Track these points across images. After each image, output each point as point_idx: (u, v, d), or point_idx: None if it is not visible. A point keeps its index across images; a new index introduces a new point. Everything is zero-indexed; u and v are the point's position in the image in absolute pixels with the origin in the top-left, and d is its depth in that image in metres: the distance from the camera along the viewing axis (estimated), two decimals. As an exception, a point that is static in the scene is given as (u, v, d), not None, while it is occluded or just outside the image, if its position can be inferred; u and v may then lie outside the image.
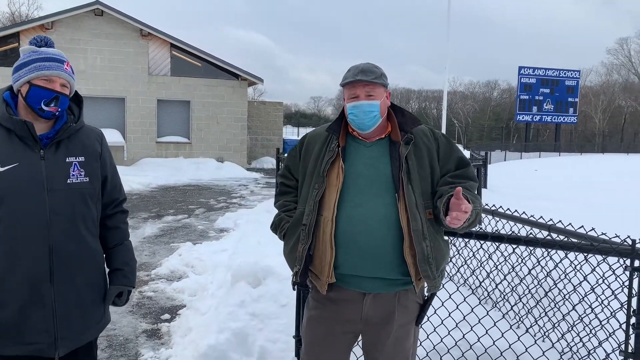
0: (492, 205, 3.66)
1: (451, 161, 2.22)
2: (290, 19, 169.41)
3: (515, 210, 3.53)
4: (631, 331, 2.29)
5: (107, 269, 2.31)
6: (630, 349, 2.29)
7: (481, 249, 3.33)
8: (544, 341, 3.24)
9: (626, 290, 2.37)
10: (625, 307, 2.36)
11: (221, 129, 22.15)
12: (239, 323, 3.94)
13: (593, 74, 79.26)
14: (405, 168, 2.11)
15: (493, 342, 3.03)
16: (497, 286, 3.77)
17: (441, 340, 3.05)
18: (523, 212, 3.39)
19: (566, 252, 2.62)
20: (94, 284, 2.18)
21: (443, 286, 2.35)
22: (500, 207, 3.52)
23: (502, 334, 3.01)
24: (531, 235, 2.70)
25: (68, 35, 19.51)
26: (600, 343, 2.81)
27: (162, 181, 16.67)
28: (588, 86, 70.46)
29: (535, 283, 3.56)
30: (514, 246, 2.91)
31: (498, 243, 2.66)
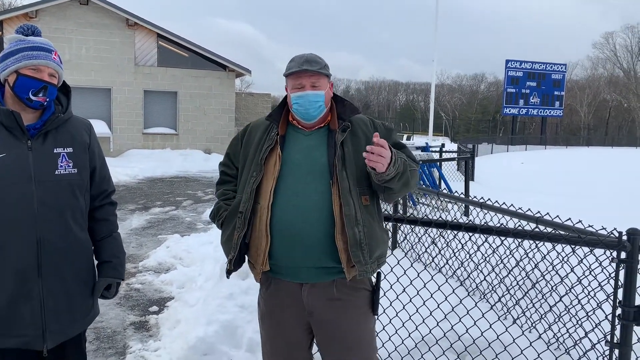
0: (480, 197, 3.68)
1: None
2: (278, 11, 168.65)
3: (503, 202, 3.56)
4: (617, 322, 2.32)
5: (96, 261, 2.28)
6: (615, 340, 2.33)
7: (469, 241, 3.35)
8: (531, 332, 3.29)
9: (612, 281, 2.40)
10: (611, 298, 2.39)
11: (208, 121, 22.00)
12: (228, 315, 3.94)
13: (579, 68, 79.87)
14: (340, 154, 2.10)
15: (481, 334, 3.07)
16: (485, 278, 3.81)
17: (430, 331, 3.07)
18: (511, 205, 3.42)
19: (554, 244, 2.65)
20: (83, 277, 2.15)
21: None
22: (488, 200, 3.54)
23: (490, 325, 3.04)
24: (519, 227, 2.73)
25: (53, 24, 19.16)
26: (586, 334, 2.85)
27: (149, 173, 16.52)
28: (574, 80, 71.23)
29: (523, 275, 3.60)
30: (502, 238, 2.94)
31: (486, 235, 2.68)
